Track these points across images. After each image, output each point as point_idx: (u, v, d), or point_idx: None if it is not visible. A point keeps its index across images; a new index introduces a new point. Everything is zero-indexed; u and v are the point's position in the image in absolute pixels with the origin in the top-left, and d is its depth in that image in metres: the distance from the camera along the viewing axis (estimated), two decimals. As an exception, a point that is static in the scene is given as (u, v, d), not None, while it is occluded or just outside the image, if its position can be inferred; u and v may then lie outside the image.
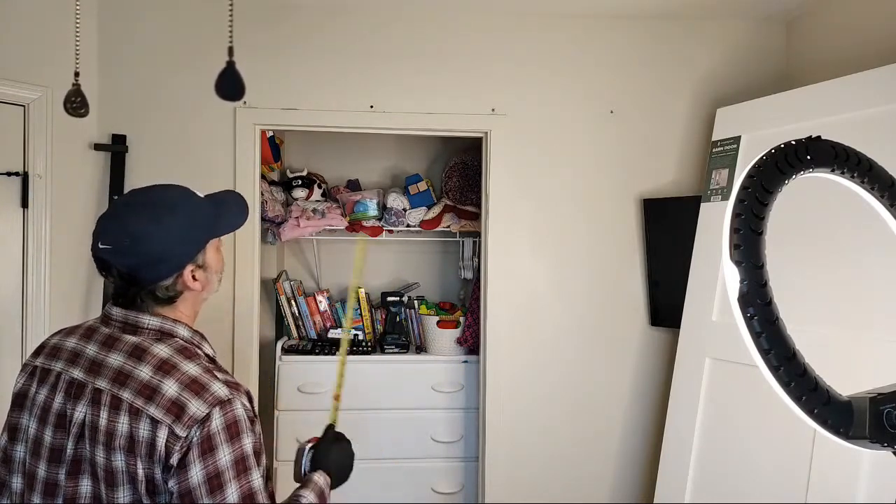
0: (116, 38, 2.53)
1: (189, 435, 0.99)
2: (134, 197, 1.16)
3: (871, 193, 0.83)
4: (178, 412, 1.00)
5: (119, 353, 1.07)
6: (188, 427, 0.99)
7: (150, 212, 1.10)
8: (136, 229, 1.08)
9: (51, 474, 1.06)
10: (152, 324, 1.11)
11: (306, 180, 3.17)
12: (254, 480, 1.04)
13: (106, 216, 1.14)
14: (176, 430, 0.99)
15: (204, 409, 1.01)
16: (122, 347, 1.07)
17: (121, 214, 1.12)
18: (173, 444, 0.99)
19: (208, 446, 1.00)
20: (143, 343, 1.08)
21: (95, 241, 1.09)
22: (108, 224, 1.11)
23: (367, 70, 2.63)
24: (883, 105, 1.93)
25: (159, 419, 0.99)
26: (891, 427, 0.70)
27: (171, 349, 1.08)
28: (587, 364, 2.74)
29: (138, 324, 1.11)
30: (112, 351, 1.07)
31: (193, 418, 1.00)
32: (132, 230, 1.07)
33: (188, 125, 2.57)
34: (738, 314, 0.71)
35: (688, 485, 2.33)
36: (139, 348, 1.07)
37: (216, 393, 1.03)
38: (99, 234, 1.10)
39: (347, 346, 1.60)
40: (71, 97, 1.52)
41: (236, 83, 1.04)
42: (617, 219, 2.74)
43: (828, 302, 1.96)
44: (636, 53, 2.72)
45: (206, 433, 1.00)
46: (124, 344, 1.08)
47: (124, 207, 1.13)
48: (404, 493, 2.92)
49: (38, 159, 2.27)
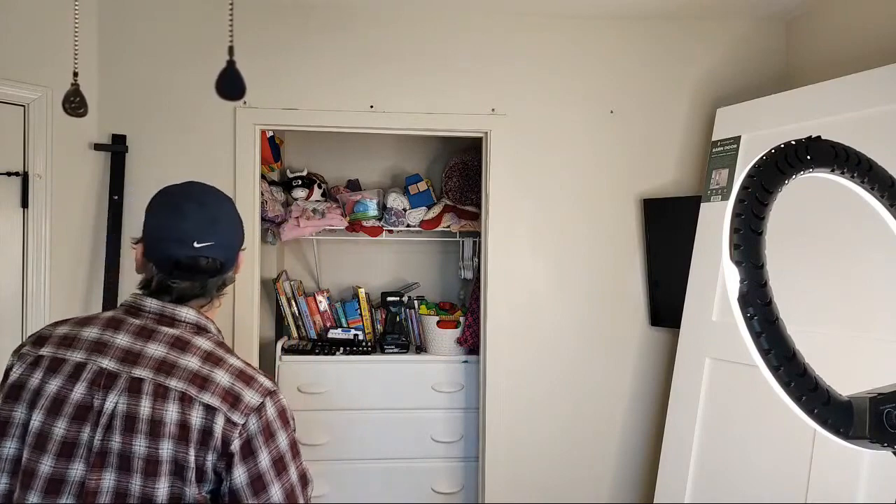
0: (116, 38, 2.53)
1: (247, 423, 1.04)
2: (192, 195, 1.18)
3: (871, 193, 0.83)
4: (233, 401, 1.05)
5: (159, 343, 1.08)
6: (245, 415, 1.04)
7: (223, 205, 1.20)
8: (226, 222, 1.18)
9: (58, 469, 1.01)
10: (190, 317, 1.14)
11: (306, 180, 3.17)
12: (303, 462, 1.13)
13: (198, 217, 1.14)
14: (233, 417, 1.03)
15: (257, 398, 1.07)
16: (161, 338, 1.09)
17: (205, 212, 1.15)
18: (231, 432, 1.03)
19: (269, 433, 1.07)
20: (183, 335, 1.10)
21: (189, 244, 1.11)
22: (196, 223, 1.13)
23: (367, 70, 2.63)
24: (883, 105, 1.93)
25: (216, 406, 1.03)
26: (891, 427, 0.70)
27: (211, 343, 1.12)
28: (587, 364, 2.74)
29: (176, 316, 1.13)
30: (150, 341, 1.08)
31: (249, 406, 1.05)
32: (223, 224, 1.17)
33: (188, 125, 2.57)
34: (738, 314, 0.71)
35: (688, 485, 2.33)
36: (181, 340, 1.09)
37: (264, 384, 1.10)
38: (196, 237, 1.12)
39: None
40: (70, 97, 1.52)
41: (237, 83, 1.04)
42: (617, 219, 2.74)
43: (828, 302, 1.96)
44: (636, 53, 2.72)
45: (266, 421, 1.07)
46: (163, 335, 1.09)
47: (200, 205, 1.16)
48: (404, 493, 2.92)
49: (38, 159, 2.27)
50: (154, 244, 1.14)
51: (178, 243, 1.11)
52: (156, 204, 1.18)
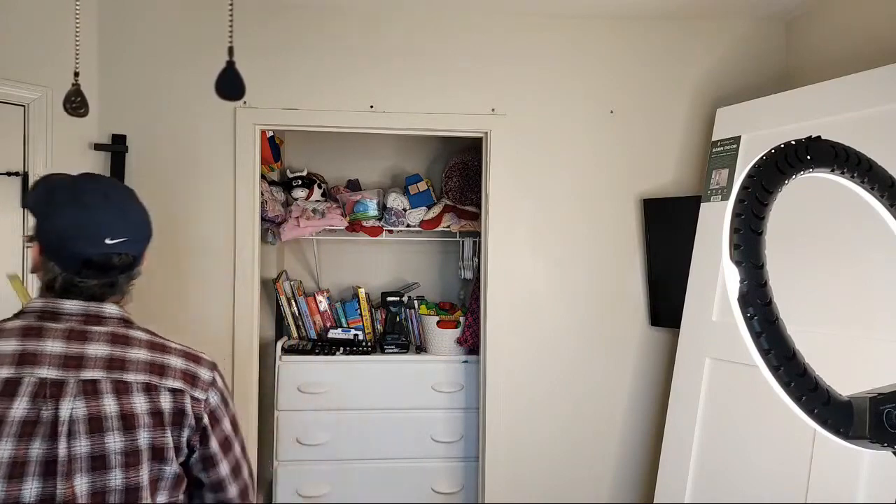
0: (116, 38, 2.53)
1: (208, 398, 1.15)
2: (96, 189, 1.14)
3: (871, 193, 0.83)
4: (192, 380, 1.13)
5: (98, 343, 1.07)
6: (205, 391, 1.14)
7: (130, 197, 1.18)
8: (136, 215, 1.16)
9: (11, 493, 0.97)
10: (115, 312, 1.13)
11: (306, 180, 3.17)
12: None
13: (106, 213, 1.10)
14: (196, 394, 1.12)
15: (209, 373, 1.17)
16: (97, 338, 1.08)
17: (114, 206, 1.12)
18: (199, 407, 1.12)
19: (225, 401, 1.19)
20: (117, 331, 1.11)
21: (97, 240, 1.08)
22: (107, 219, 1.10)
23: (367, 70, 2.63)
24: (883, 105, 1.93)
25: (181, 388, 1.11)
26: (891, 427, 0.70)
27: (144, 332, 1.15)
28: (587, 364, 2.74)
29: (101, 314, 1.11)
30: (88, 343, 1.06)
31: (206, 382, 1.15)
32: (134, 217, 1.15)
33: (188, 125, 2.57)
34: (738, 314, 0.71)
35: (688, 485, 2.33)
36: (118, 335, 1.10)
37: (208, 359, 1.19)
38: (102, 232, 1.08)
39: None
40: (70, 97, 1.52)
41: (236, 83, 1.04)
42: (617, 219, 2.74)
43: (828, 302, 1.96)
44: (636, 53, 2.72)
45: (220, 391, 1.18)
46: (98, 334, 1.08)
47: (107, 199, 1.12)
48: (404, 493, 2.92)
49: (38, 159, 2.27)
50: (59, 242, 1.08)
51: (87, 240, 1.07)
52: (51, 198, 1.10)
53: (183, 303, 2.55)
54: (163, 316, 2.54)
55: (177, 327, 2.54)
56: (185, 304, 2.55)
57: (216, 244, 2.58)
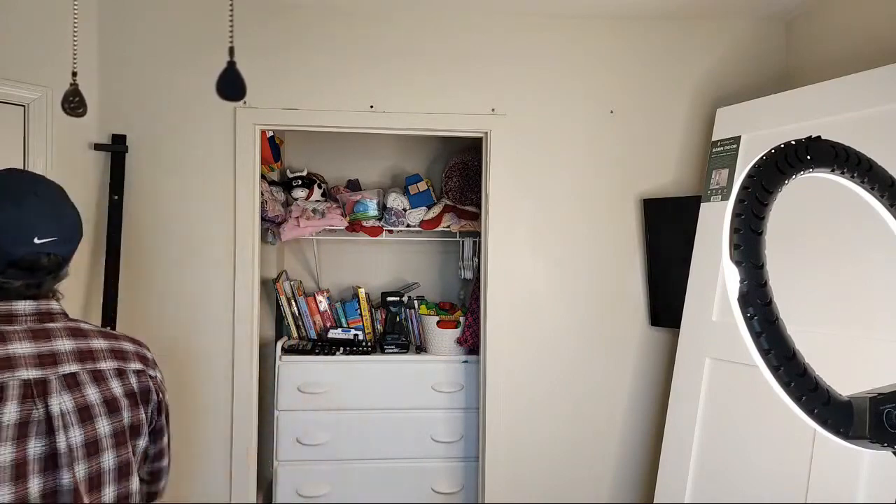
0: (116, 38, 2.53)
1: (157, 374, 1.25)
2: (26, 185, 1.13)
3: (871, 193, 0.83)
4: (144, 360, 1.23)
5: (60, 339, 1.11)
6: (154, 368, 1.25)
7: (60, 195, 1.16)
8: (66, 214, 1.15)
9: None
10: (57, 307, 1.16)
11: (306, 180, 3.17)
12: None
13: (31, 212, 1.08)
14: (150, 373, 1.23)
15: (149, 352, 1.27)
16: (57, 334, 1.11)
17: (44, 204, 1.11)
18: (156, 384, 1.23)
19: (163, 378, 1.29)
20: (68, 325, 1.15)
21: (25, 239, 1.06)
22: (36, 217, 1.08)
23: (367, 70, 2.63)
24: (883, 105, 1.93)
25: (141, 369, 1.20)
26: (891, 427, 0.70)
27: (87, 323, 1.20)
28: (587, 364, 2.74)
29: (51, 310, 1.13)
30: (52, 340, 1.10)
31: (152, 361, 1.26)
32: (64, 216, 1.14)
33: (188, 125, 2.57)
34: (738, 314, 0.71)
35: (688, 485, 2.33)
36: (72, 329, 1.14)
37: (139, 340, 1.27)
38: (31, 230, 1.07)
39: None
40: (69, 97, 1.52)
41: (237, 83, 1.04)
42: (617, 219, 2.74)
43: (828, 302, 1.96)
44: (636, 53, 2.72)
45: (159, 369, 1.28)
46: (56, 331, 1.11)
47: (36, 196, 1.10)
48: (404, 493, 2.92)
49: (38, 159, 2.26)
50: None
51: (14, 239, 1.05)
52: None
53: (183, 302, 2.55)
54: (162, 315, 2.54)
55: (177, 327, 2.54)
56: (184, 304, 2.55)
57: (216, 244, 2.58)
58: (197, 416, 2.56)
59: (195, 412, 2.56)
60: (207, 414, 2.57)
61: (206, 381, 2.55)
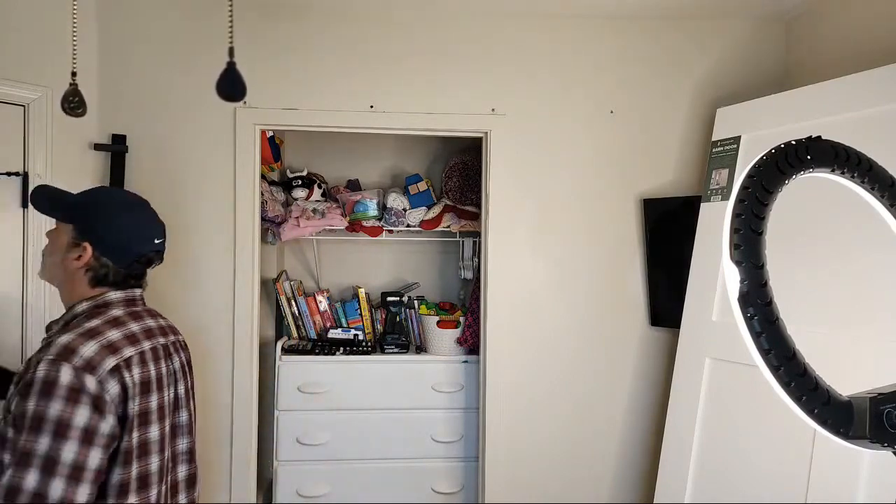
0: (116, 38, 2.53)
1: (186, 344, 1.55)
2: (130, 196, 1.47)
3: (871, 193, 0.83)
4: (179, 333, 1.54)
5: (152, 318, 1.45)
6: (184, 339, 1.56)
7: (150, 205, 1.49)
8: (162, 221, 1.47)
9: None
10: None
11: (306, 180, 3.17)
12: None
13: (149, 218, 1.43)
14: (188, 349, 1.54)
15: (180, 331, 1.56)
16: (153, 314, 1.47)
17: (152, 213, 1.45)
18: (190, 359, 1.54)
19: None
20: (147, 308, 1.48)
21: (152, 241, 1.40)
22: (155, 224, 1.43)
23: (367, 70, 2.63)
24: (883, 105, 1.93)
25: (186, 344, 1.55)
26: (891, 427, 0.70)
27: None
28: (587, 364, 2.74)
29: (143, 296, 1.48)
30: (156, 318, 1.47)
31: (181, 333, 1.56)
32: (162, 223, 1.46)
33: (188, 125, 2.57)
34: (738, 314, 0.71)
35: (688, 485, 2.33)
36: (151, 310, 1.48)
37: None
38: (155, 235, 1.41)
39: None
40: (68, 97, 1.52)
41: (237, 84, 1.04)
42: (617, 219, 2.74)
43: (828, 302, 1.96)
44: (636, 54, 2.72)
45: None
46: (151, 311, 1.47)
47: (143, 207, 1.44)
48: (404, 493, 2.92)
49: (38, 159, 2.27)
50: (124, 244, 1.37)
51: (147, 241, 1.40)
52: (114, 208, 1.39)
53: (183, 302, 2.55)
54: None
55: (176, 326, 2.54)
56: (185, 304, 2.55)
57: (216, 244, 2.58)
58: (197, 415, 2.56)
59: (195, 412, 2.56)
60: (207, 414, 2.57)
61: (207, 381, 2.55)
